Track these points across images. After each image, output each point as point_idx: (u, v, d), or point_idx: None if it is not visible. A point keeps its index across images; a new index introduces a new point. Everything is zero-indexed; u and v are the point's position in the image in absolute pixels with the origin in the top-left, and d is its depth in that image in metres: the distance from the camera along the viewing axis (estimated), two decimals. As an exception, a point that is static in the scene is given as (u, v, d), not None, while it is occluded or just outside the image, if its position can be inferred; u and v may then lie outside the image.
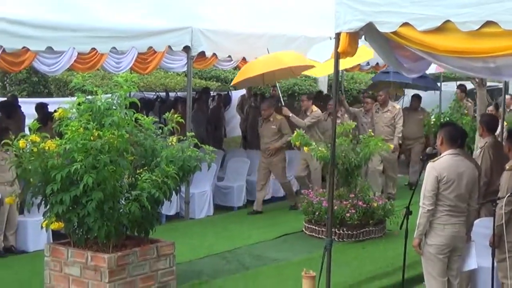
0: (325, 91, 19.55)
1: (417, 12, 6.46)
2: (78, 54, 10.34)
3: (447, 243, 6.88)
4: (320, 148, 11.14)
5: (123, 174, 7.79)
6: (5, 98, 15.93)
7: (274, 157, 12.88)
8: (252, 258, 9.90)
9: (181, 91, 18.77)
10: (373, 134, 12.04)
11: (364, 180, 11.93)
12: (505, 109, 13.56)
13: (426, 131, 15.82)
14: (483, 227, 7.47)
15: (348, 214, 10.69)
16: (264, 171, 13.04)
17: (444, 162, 6.88)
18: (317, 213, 10.97)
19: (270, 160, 12.91)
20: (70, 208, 7.65)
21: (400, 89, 18.45)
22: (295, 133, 11.61)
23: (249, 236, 11.12)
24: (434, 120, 16.19)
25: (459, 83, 18.79)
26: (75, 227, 7.87)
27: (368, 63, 15.57)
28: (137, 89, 8.53)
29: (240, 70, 13.20)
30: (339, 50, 7.04)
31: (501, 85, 16.04)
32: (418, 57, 7.55)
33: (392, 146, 13.01)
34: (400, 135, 13.82)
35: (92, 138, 7.44)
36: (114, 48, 10.80)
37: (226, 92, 19.12)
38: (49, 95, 21.65)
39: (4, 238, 9.97)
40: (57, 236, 9.51)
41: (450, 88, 19.52)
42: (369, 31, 6.99)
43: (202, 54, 12.25)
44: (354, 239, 10.76)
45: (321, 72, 14.60)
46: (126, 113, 7.70)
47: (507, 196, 7.09)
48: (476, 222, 7.39)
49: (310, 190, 11.70)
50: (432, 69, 15.21)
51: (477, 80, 12.45)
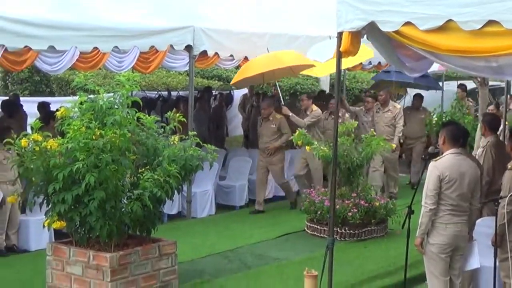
0: (327, 90, 19.52)
1: (419, 11, 6.46)
2: (80, 53, 10.33)
3: (449, 242, 6.88)
4: (322, 148, 11.13)
5: (125, 173, 7.80)
6: (7, 97, 15.91)
7: (273, 156, 12.85)
8: (254, 258, 9.90)
9: (183, 90, 18.76)
10: (375, 133, 12.03)
11: (365, 180, 11.92)
12: (506, 109, 13.54)
13: (428, 131, 15.81)
14: (485, 227, 7.46)
15: (350, 213, 10.68)
16: (262, 170, 13.01)
17: (446, 162, 6.88)
18: (319, 212, 10.97)
19: (269, 160, 12.88)
20: (72, 207, 7.65)
21: (402, 89, 18.44)
22: (297, 132, 11.60)
23: (251, 235, 11.11)
24: (436, 119, 16.18)
25: (459, 82, 18.77)
26: (77, 226, 7.87)
27: (370, 62, 15.55)
28: (139, 88, 8.53)
29: (240, 69, 13.18)
30: (341, 49, 7.04)
31: (503, 84, 16.03)
32: (420, 56, 7.55)
33: (394, 145, 13.02)
34: (400, 134, 13.81)
35: (94, 137, 7.44)
36: (116, 47, 10.79)
37: (228, 91, 19.09)
38: (51, 94, 21.64)
39: (6, 237, 9.97)
40: (59, 235, 9.52)
41: (452, 87, 19.49)
42: (371, 30, 6.99)
43: (204, 53, 12.25)
44: (356, 239, 10.76)
45: (322, 72, 14.58)
46: (128, 112, 7.71)
47: (509, 195, 7.08)
48: (478, 221, 7.38)
49: (312, 189, 11.70)
50: (435, 68, 15.20)
51: (479, 79, 12.42)
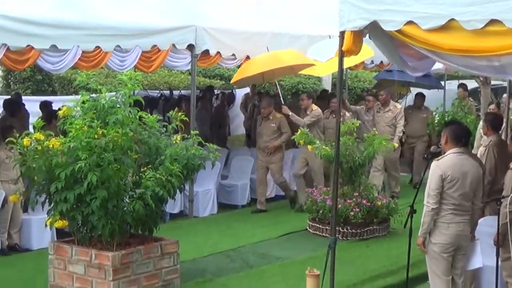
0: (329, 89, 19.52)
1: (421, 10, 6.46)
2: (82, 52, 10.32)
3: (451, 241, 6.87)
4: (324, 147, 11.12)
5: (127, 172, 7.81)
6: (9, 96, 15.92)
7: (273, 156, 12.82)
8: (256, 257, 9.90)
9: (185, 89, 18.76)
10: (377, 132, 12.03)
11: (367, 179, 11.91)
12: (509, 108, 13.53)
13: (430, 130, 15.79)
14: (487, 226, 7.45)
15: (352, 213, 10.68)
16: (262, 170, 12.97)
17: (449, 161, 6.87)
18: (321, 212, 10.96)
19: (269, 159, 12.85)
20: (74, 206, 7.66)
21: (404, 88, 18.42)
22: (299, 132, 11.59)
23: (253, 235, 11.11)
24: (438, 118, 16.16)
25: (460, 82, 18.75)
26: (79, 225, 7.88)
27: (372, 62, 15.52)
28: (141, 87, 8.53)
29: (239, 68, 13.16)
30: (343, 48, 7.03)
31: (505, 84, 16.00)
32: (422, 56, 7.54)
33: (396, 145, 13.02)
34: (401, 134, 13.78)
35: (96, 136, 7.45)
36: (118, 46, 10.79)
37: (230, 91, 19.09)
38: (53, 93, 21.65)
39: (8, 236, 9.96)
40: (61, 234, 9.51)
41: (454, 86, 19.46)
42: (374, 29, 6.98)
43: (206, 52, 12.24)
44: (358, 238, 10.75)
45: (324, 71, 14.56)
46: (130, 111, 7.72)
47: (511, 194, 7.07)
48: (480, 221, 7.37)
49: (314, 189, 11.69)
50: (439, 66, 15.16)
51: (481, 78, 12.44)
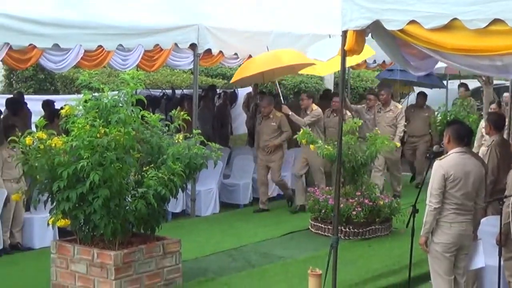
0: (331, 89, 19.49)
1: (424, 10, 6.45)
2: (85, 51, 10.33)
3: (454, 241, 6.86)
4: (326, 146, 11.11)
5: (130, 171, 7.81)
6: (11, 95, 15.93)
7: (272, 154, 12.81)
8: (258, 256, 9.89)
9: (187, 88, 18.75)
10: (379, 131, 12.02)
11: (369, 179, 11.90)
12: (511, 107, 13.50)
13: (432, 130, 15.77)
14: (490, 226, 7.45)
15: (354, 212, 10.67)
16: (263, 169, 12.93)
17: (451, 160, 6.86)
18: (323, 211, 10.95)
19: (269, 158, 12.83)
20: (77, 205, 7.67)
21: (406, 87, 18.39)
22: (301, 131, 11.57)
23: (255, 234, 11.10)
24: (440, 118, 16.14)
25: (461, 81, 18.72)
26: (81, 224, 7.89)
27: (374, 61, 15.52)
28: (144, 86, 8.54)
29: (239, 68, 13.16)
30: (346, 48, 7.02)
31: (507, 83, 15.98)
32: (425, 55, 7.54)
33: (398, 144, 13.01)
34: (401, 134, 13.73)
35: (98, 135, 7.45)
36: (120, 45, 10.79)
37: (232, 90, 19.07)
38: (56, 92, 21.64)
39: (10, 235, 9.96)
40: (63, 233, 9.52)
41: (457, 86, 19.45)
42: (376, 29, 6.98)
43: (208, 51, 12.24)
44: (360, 237, 10.74)
45: (326, 71, 14.55)
46: (132, 111, 7.73)
47: (514, 194, 7.08)
48: (483, 220, 7.36)
49: (316, 188, 11.69)
50: (440, 65, 15.13)
51: (483, 78, 12.43)
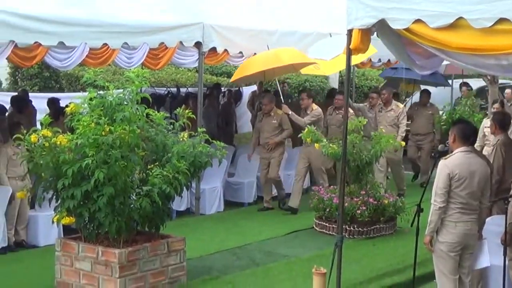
0: (336, 88, 19.48)
1: (429, 8, 6.45)
2: (90, 49, 10.33)
3: (458, 240, 6.85)
4: (331, 145, 11.10)
5: (134, 169, 7.82)
6: (17, 93, 15.95)
7: (273, 152, 12.80)
8: (263, 254, 9.89)
9: (192, 86, 18.77)
10: (384, 130, 12.01)
11: (373, 178, 11.88)
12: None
13: (436, 128, 15.74)
14: (495, 225, 7.43)
15: (359, 211, 10.67)
16: (266, 167, 12.90)
17: (456, 160, 6.84)
18: (327, 210, 10.95)
19: (269, 155, 12.83)
20: (81, 203, 7.68)
21: (410, 85, 18.37)
22: (306, 130, 11.56)
23: (259, 232, 11.11)
24: (445, 117, 16.13)
25: (463, 80, 18.70)
26: (86, 222, 7.90)
27: (379, 60, 15.51)
28: (148, 84, 8.54)
29: (239, 67, 13.15)
30: (351, 46, 7.02)
31: (512, 82, 16.00)
32: (430, 54, 7.52)
33: (403, 143, 12.99)
34: (404, 134, 13.68)
35: (103, 133, 7.46)
36: (125, 43, 10.79)
37: (237, 88, 19.06)
38: (61, 90, 21.69)
39: (15, 232, 9.98)
40: (68, 231, 9.53)
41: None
42: (381, 27, 6.97)
43: (213, 50, 12.25)
44: (365, 236, 10.74)
45: (330, 70, 14.55)
46: (137, 109, 7.72)
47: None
48: (488, 220, 7.34)
49: (320, 187, 11.68)
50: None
51: (489, 77, 12.41)
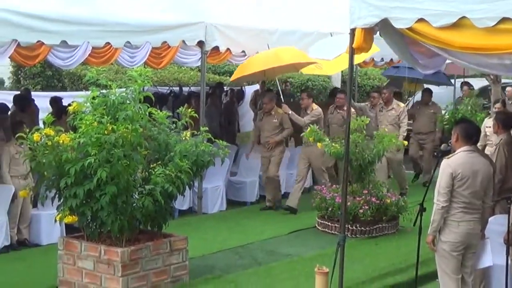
0: (339, 87, 19.46)
1: (432, 8, 6.43)
2: (93, 48, 10.34)
3: (461, 240, 6.84)
4: (334, 144, 11.09)
5: (137, 168, 7.82)
6: (19, 92, 15.96)
7: (273, 151, 12.79)
8: (265, 254, 9.89)
9: (195, 85, 18.76)
10: (386, 130, 12.00)
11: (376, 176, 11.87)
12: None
13: (438, 127, 15.73)
14: (497, 225, 7.42)
15: (361, 210, 10.66)
16: (267, 167, 12.92)
17: (459, 159, 6.83)
18: (330, 209, 10.95)
19: (269, 154, 12.84)
20: (84, 202, 7.68)
21: (412, 84, 18.35)
22: (308, 129, 11.56)
23: (262, 232, 11.11)
24: (448, 116, 16.12)
25: (464, 80, 18.68)
26: (89, 220, 7.90)
27: (382, 59, 15.51)
28: (151, 83, 8.54)
29: (239, 66, 13.15)
30: (354, 46, 7.01)
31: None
32: (433, 53, 7.51)
33: (406, 142, 12.98)
34: (405, 134, 13.67)
35: (106, 132, 7.46)
36: (128, 42, 10.80)
37: (239, 87, 19.06)
38: (63, 89, 21.71)
39: (17, 231, 9.99)
40: (70, 229, 9.53)
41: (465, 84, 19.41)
42: (384, 27, 6.96)
43: (216, 49, 12.26)
44: (367, 235, 10.74)
45: (333, 70, 14.54)
46: (140, 108, 7.73)
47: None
48: (490, 219, 7.33)
49: (323, 186, 11.68)
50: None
51: (492, 76, 12.40)
